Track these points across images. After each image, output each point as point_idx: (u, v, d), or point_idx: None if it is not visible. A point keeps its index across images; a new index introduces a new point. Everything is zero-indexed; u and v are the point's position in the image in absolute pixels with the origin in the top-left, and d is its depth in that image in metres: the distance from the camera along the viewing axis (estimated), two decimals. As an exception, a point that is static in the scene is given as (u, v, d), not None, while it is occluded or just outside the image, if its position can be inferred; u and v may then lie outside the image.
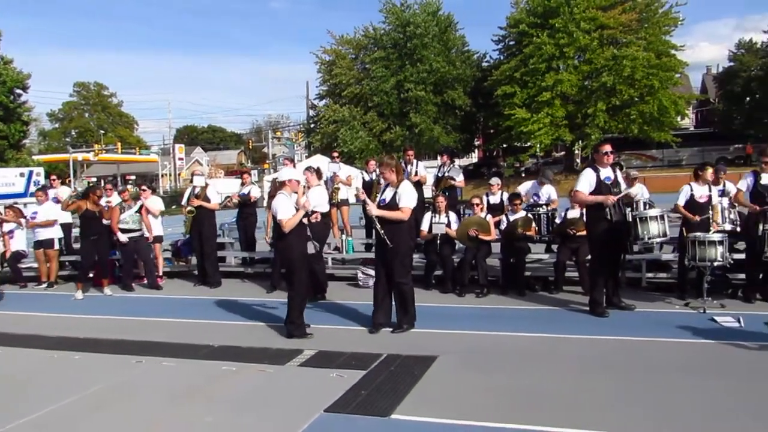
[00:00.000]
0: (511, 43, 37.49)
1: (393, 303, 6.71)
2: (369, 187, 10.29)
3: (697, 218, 7.40)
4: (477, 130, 41.94)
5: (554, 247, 8.92)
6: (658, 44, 34.15)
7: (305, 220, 6.66)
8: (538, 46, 33.59)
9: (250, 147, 68.56)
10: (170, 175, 56.96)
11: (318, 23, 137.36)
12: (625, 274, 8.11)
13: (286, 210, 6.43)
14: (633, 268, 8.56)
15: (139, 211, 9.90)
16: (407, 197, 6.45)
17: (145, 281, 10.14)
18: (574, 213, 8.33)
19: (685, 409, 4.23)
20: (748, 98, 39.78)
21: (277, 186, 6.73)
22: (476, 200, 8.98)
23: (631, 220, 7.12)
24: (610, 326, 6.53)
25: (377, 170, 10.70)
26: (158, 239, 10.31)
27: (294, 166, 11.28)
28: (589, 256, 7.54)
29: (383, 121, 38.04)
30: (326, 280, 8.80)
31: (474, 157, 49.59)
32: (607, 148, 7.07)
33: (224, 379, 5.23)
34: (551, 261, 8.68)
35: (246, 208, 10.38)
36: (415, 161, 10.28)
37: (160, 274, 10.31)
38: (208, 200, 9.78)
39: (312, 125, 43.19)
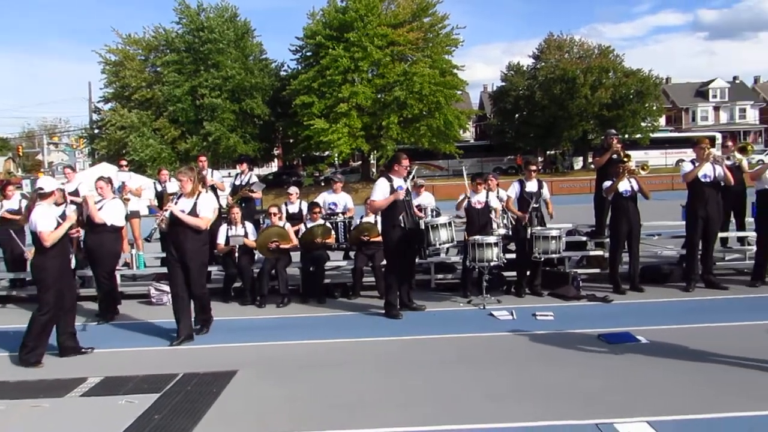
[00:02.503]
0: (309, 53, 38.05)
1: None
2: (161, 198, 9.77)
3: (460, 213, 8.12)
4: (276, 139, 41.87)
5: (352, 254, 9.20)
6: (441, 63, 37.08)
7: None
8: (335, 58, 34.52)
9: (21, 153, 60.82)
10: None
11: (100, 19, 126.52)
12: (416, 276, 8.64)
13: (47, 222, 5.87)
14: (423, 270, 9.15)
15: None
16: (206, 208, 6.52)
17: None
18: (369, 220, 8.68)
19: (472, 396, 4.62)
20: (517, 115, 44.82)
21: (36, 197, 6.07)
22: (274, 209, 8.95)
23: (423, 227, 7.63)
24: (403, 327, 6.90)
25: (169, 180, 10.21)
26: None
27: (76, 175, 10.30)
28: (384, 262, 7.92)
29: (176, 128, 36.25)
30: (118, 298, 8.16)
31: (274, 166, 49.45)
32: (407, 161, 7.53)
33: (-12, 420, 4.57)
34: (349, 267, 8.95)
35: (10, 223, 9.10)
36: (209, 169, 9.94)
37: None
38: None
39: (96, 130, 39.66)
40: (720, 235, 9.22)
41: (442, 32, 38.17)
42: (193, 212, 6.43)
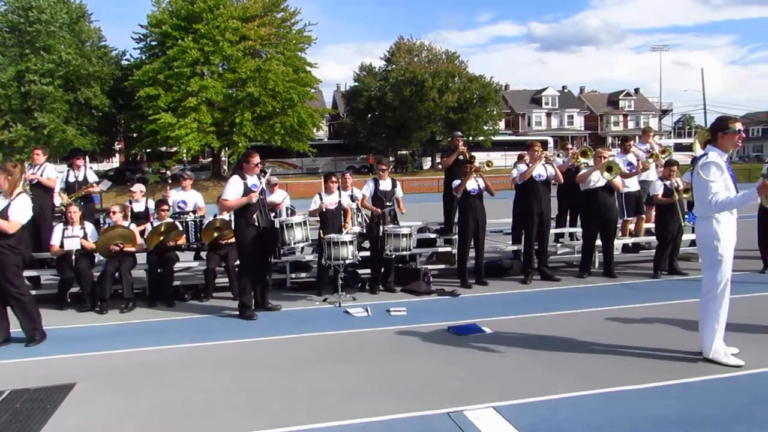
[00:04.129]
0: (154, 43, 36.05)
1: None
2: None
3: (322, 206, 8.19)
4: (118, 132, 39.17)
5: (203, 254, 8.86)
6: (294, 60, 36.84)
7: None
8: (183, 49, 33.01)
9: None
10: None
11: None
12: (272, 276, 8.52)
13: None
14: (278, 270, 9.04)
15: None
16: (18, 210, 6.02)
17: None
18: (224, 219, 8.40)
19: (329, 394, 4.63)
20: (369, 115, 45.80)
21: None
22: (116, 208, 8.36)
23: (278, 226, 7.53)
24: (259, 328, 6.77)
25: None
26: None
27: None
28: (238, 262, 7.71)
29: (-1, 117, 32.61)
30: None
31: (115, 162, 46.27)
32: (257, 159, 7.36)
33: None
34: (201, 268, 8.60)
35: None
36: (45, 164, 9.04)
37: None
38: None
39: None
40: (555, 231, 10.12)
41: (294, 28, 37.93)
42: (4, 214, 5.95)
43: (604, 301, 7.50)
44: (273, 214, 7.59)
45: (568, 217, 10.50)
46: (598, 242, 9.11)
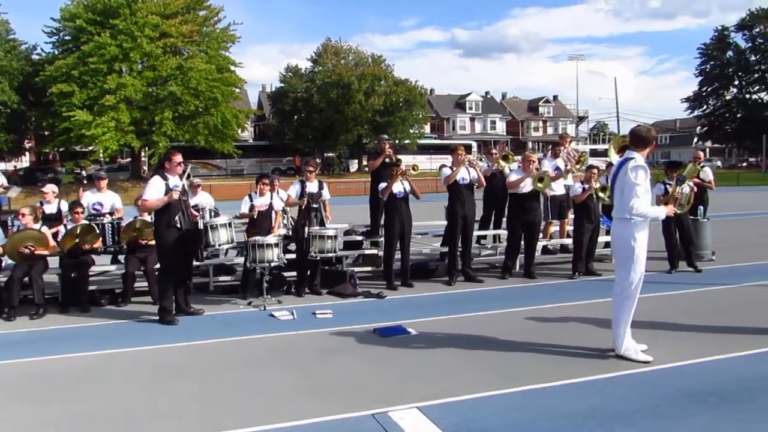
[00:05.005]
0: (67, 38, 34.38)
1: None
2: None
3: (254, 212, 8.14)
4: (28, 130, 37.10)
5: (121, 257, 8.52)
6: (218, 59, 36.06)
7: None
8: (100, 45, 31.66)
9: None
10: None
11: None
12: (193, 279, 8.31)
13: None
14: (201, 273, 8.82)
15: None
16: None
17: None
18: (146, 220, 8.13)
19: (254, 398, 4.56)
20: (296, 117, 45.45)
21: None
22: (26, 210, 7.91)
23: (201, 227, 7.35)
24: (180, 333, 6.58)
25: None
26: None
27: None
28: (158, 265, 7.47)
29: None
30: None
31: (25, 161, 43.82)
32: (179, 158, 7.16)
33: None
34: (119, 272, 8.27)
35: None
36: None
37: None
38: None
39: None
40: (479, 233, 10.36)
41: (218, 26, 37.15)
42: None
43: (525, 301, 7.75)
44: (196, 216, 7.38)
45: (492, 219, 10.76)
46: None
